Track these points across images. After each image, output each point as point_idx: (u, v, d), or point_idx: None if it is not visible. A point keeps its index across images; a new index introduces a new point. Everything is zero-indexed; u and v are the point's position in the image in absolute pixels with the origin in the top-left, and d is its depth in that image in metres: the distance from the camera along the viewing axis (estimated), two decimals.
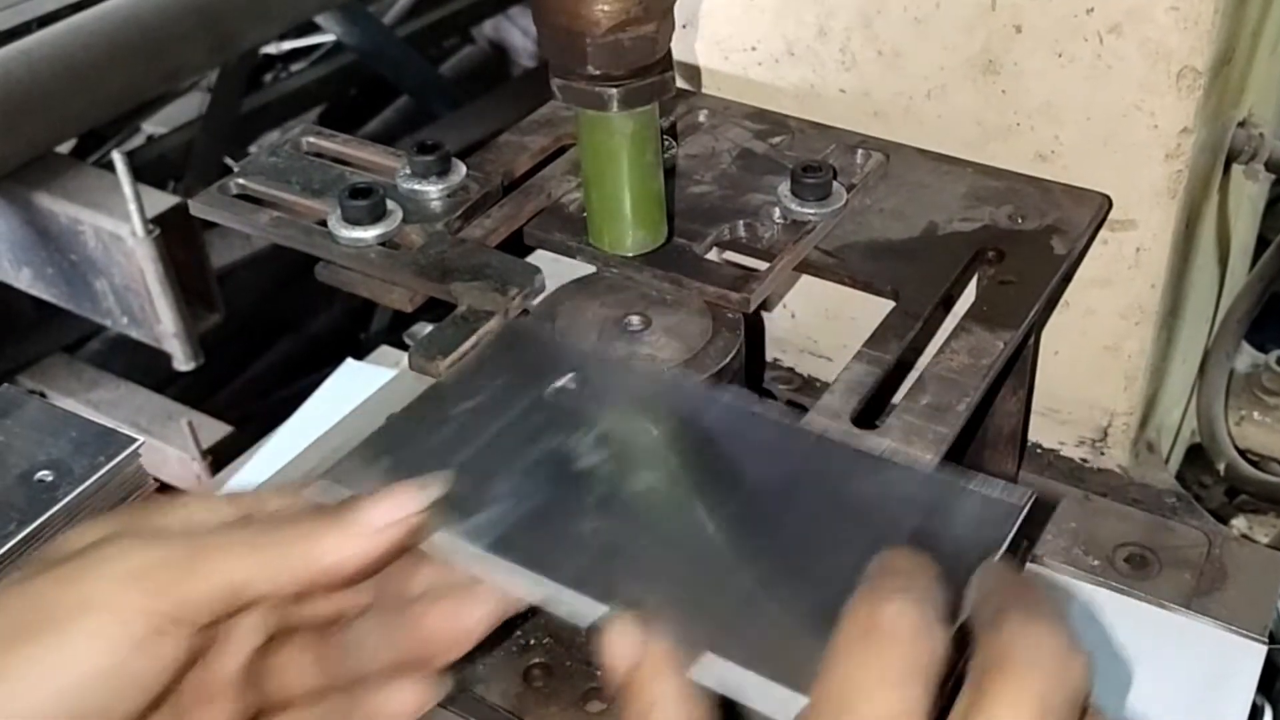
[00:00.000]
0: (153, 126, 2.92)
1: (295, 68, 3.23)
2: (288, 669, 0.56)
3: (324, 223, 0.76)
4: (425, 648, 0.54)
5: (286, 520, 0.52)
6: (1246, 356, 1.18)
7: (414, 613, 0.54)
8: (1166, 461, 1.03)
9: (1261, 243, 1.16)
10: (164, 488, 0.98)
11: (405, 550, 0.52)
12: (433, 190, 0.78)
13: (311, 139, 0.84)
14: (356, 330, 2.63)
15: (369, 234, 0.74)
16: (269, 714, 0.56)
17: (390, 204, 0.76)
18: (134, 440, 0.95)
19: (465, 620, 0.54)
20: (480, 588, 0.54)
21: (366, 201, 0.74)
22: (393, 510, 0.51)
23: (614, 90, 0.66)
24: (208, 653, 0.53)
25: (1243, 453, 1.12)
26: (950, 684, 0.45)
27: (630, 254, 0.74)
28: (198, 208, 0.78)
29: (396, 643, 0.55)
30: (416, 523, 0.52)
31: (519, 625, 0.80)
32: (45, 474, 0.92)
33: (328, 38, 3.17)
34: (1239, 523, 1.15)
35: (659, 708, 0.47)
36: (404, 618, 0.54)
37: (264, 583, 0.50)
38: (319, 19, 2.91)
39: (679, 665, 0.48)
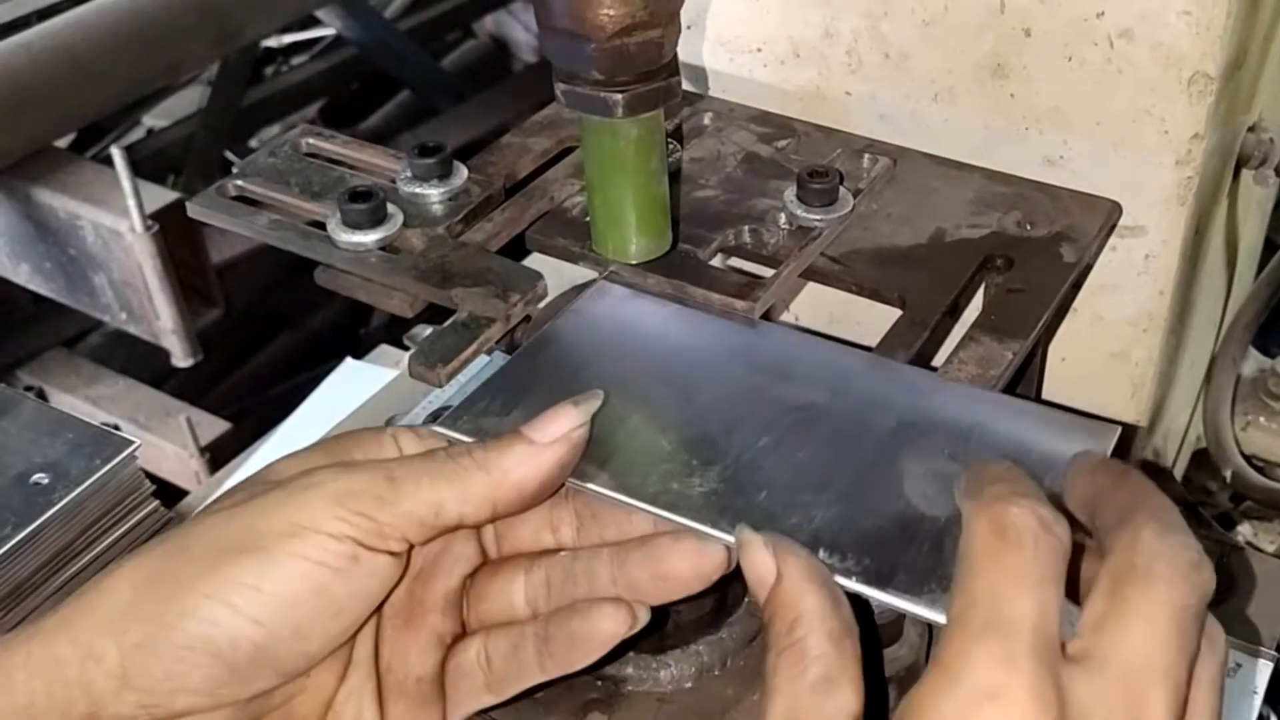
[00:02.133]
0: (152, 120, 2.91)
1: (296, 61, 3.23)
2: (497, 597, 0.60)
3: (323, 225, 0.75)
4: (660, 585, 0.57)
5: (468, 449, 0.56)
6: (1253, 362, 1.17)
7: (656, 549, 0.57)
8: (1172, 468, 1.02)
9: (1268, 247, 1.15)
10: (162, 485, 0.97)
11: (572, 466, 0.57)
12: (434, 193, 0.77)
13: (311, 139, 0.83)
14: (356, 326, 2.62)
15: (369, 238, 0.73)
16: (468, 638, 0.60)
17: (390, 207, 0.74)
18: (131, 442, 0.94)
19: (708, 561, 0.56)
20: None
21: (366, 205, 0.73)
22: (560, 425, 0.56)
23: (619, 95, 0.65)
24: (416, 578, 0.58)
25: (1248, 458, 1.12)
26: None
27: (634, 261, 0.73)
28: (195, 210, 0.77)
29: (630, 577, 0.57)
30: (580, 436, 0.56)
31: None
32: (41, 476, 0.91)
33: (329, 31, 3.16)
34: (1244, 529, 1.14)
35: (804, 621, 0.48)
36: (643, 553, 0.57)
37: (457, 504, 0.54)
38: (320, 13, 2.89)
39: (821, 576, 0.50)
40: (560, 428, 0.56)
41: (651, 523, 0.58)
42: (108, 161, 1.85)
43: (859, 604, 0.51)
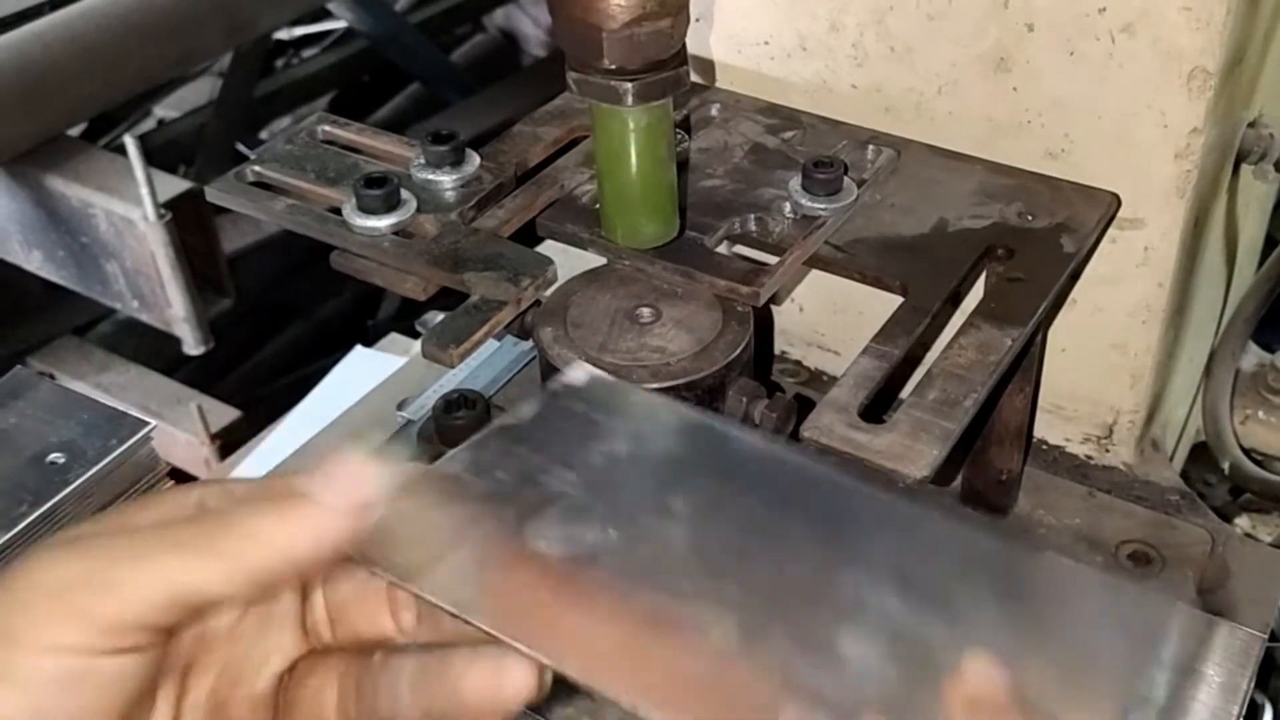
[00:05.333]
0: (164, 111, 2.93)
1: (307, 54, 3.24)
2: (307, 704, 0.52)
3: (338, 211, 0.76)
4: (456, 709, 0.49)
5: (231, 512, 0.47)
6: (1252, 356, 1.18)
7: (453, 669, 0.49)
8: (1171, 459, 1.03)
9: (1269, 243, 1.17)
10: (173, 471, 0.99)
11: (362, 534, 0.48)
12: (446, 180, 0.79)
13: (327, 127, 0.85)
14: (364, 316, 2.63)
15: (383, 223, 0.75)
16: None
17: (404, 193, 0.76)
18: (146, 424, 0.95)
19: (505, 689, 0.48)
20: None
21: (381, 191, 0.74)
22: (348, 490, 0.47)
23: (629, 84, 0.67)
24: (221, 675, 0.50)
25: (1247, 452, 1.13)
26: None
27: (642, 246, 0.75)
28: (214, 194, 0.79)
29: (428, 693, 0.50)
30: (374, 507, 0.47)
31: None
32: (57, 456, 0.92)
33: (340, 24, 3.17)
34: (1242, 522, 1.15)
35: None
36: (442, 672, 0.49)
37: (203, 582, 0.45)
38: (331, 5, 2.91)
39: None
40: (351, 494, 0.47)
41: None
42: (120, 151, 1.86)
43: None
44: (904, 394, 0.70)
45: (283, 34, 3.14)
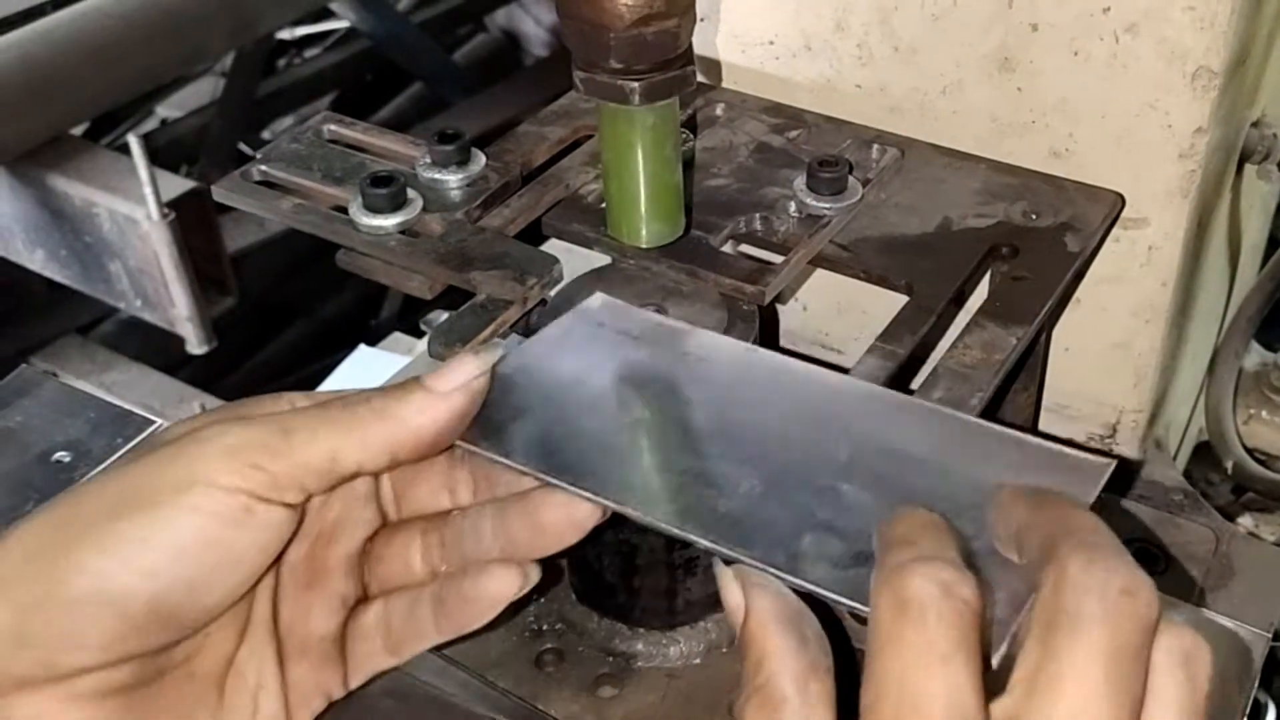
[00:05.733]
0: (166, 110, 2.93)
1: (309, 54, 3.24)
2: (394, 560, 0.61)
3: (345, 210, 0.77)
4: (537, 536, 0.58)
5: (365, 396, 0.56)
6: (1255, 355, 1.19)
7: (531, 501, 0.58)
8: (1174, 459, 1.04)
9: (1272, 242, 1.17)
10: None
11: (470, 416, 0.58)
12: (452, 179, 0.79)
13: (333, 126, 0.85)
14: (367, 316, 2.64)
15: (389, 222, 0.75)
16: (368, 602, 0.61)
17: (410, 192, 0.76)
18: (152, 422, 0.96)
19: (578, 511, 0.57)
20: None
21: (387, 190, 0.75)
22: (459, 375, 0.57)
23: (636, 84, 0.67)
24: (317, 540, 0.59)
25: (1250, 451, 1.13)
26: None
27: (648, 245, 0.75)
28: (221, 193, 0.79)
29: (509, 530, 0.59)
30: (479, 386, 0.58)
31: (529, 608, 0.82)
32: (63, 454, 0.93)
33: (342, 24, 3.17)
34: (1245, 521, 1.15)
35: (768, 662, 0.48)
36: (520, 506, 0.59)
37: (354, 452, 0.54)
38: (334, 5, 2.91)
39: (789, 614, 0.49)
40: (459, 377, 0.57)
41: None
42: (123, 150, 1.86)
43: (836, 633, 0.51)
44: None
45: (285, 34, 3.14)
